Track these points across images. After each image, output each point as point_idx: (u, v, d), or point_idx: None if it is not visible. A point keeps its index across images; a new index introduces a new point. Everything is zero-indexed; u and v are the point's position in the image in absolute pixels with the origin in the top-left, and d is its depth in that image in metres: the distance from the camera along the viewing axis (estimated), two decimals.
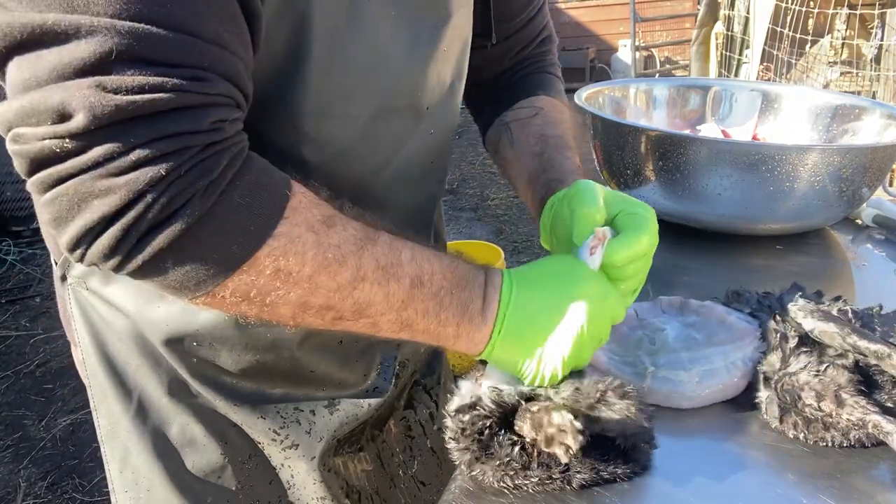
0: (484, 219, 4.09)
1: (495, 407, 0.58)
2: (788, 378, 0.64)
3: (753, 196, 0.97)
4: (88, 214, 0.43)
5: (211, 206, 0.45)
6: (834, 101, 1.23)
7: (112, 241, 0.44)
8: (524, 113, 0.82)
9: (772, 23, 3.04)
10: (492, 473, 0.57)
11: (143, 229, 0.44)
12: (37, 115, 0.41)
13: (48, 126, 0.41)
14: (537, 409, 0.56)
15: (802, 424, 0.62)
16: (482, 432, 0.57)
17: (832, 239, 1.09)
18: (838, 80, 3.05)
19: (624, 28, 6.94)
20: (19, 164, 0.44)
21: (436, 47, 0.66)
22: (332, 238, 0.51)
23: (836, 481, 0.58)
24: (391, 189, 0.70)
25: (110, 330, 0.69)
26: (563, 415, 0.54)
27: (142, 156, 0.42)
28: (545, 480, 0.56)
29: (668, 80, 1.41)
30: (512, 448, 0.56)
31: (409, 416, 0.89)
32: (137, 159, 0.42)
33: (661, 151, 1.00)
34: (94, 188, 0.42)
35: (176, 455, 0.70)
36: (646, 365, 0.68)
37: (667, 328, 0.72)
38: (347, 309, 0.53)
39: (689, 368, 0.67)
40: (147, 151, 0.42)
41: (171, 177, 0.43)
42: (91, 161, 0.42)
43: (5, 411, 2.42)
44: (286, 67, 0.56)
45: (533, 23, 0.85)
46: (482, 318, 0.57)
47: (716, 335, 0.70)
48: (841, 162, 0.94)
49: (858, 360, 0.63)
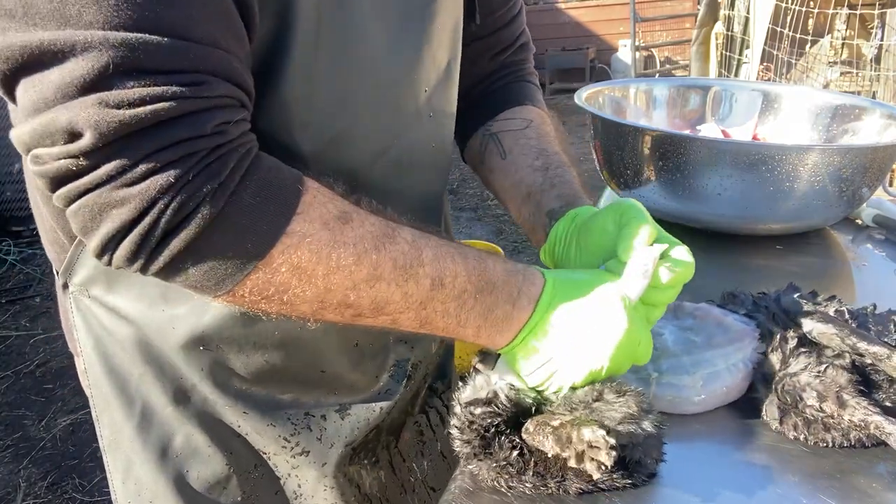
0: (484, 219, 4.09)
1: (510, 406, 0.57)
2: (789, 379, 0.64)
3: (753, 196, 0.97)
4: (110, 223, 0.46)
5: (222, 208, 0.46)
6: (834, 101, 1.23)
7: (133, 247, 0.46)
8: (514, 124, 0.80)
9: (772, 23, 3.04)
10: (487, 472, 0.57)
11: (160, 234, 0.46)
12: (50, 136, 0.43)
13: (61, 146, 0.43)
14: (559, 425, 0.54)
15: (803, 425, 0.62)
16: (488, 429, 0.57)
17: (832, 239, 1.09)
18: (838, 80, 3.05)
19: (624, 28, 6.95)
20: (42, 184, 0.46)
21: (427, 24, 0.65)
22: (347, 235, 0.50)
23: (836, 481, 0.58)
24: (392, 177, 0.69)
25: (113, 338, 0.68)
26: (594, 430, 0.53)
27: (150, 166, 0.44)
28: (539, 486, 0.56)
29: (668, 80, 1.41)
30: (511, 451, 0.56)
31: (422, 421, 0.88)
32: (147, 169, 0.44)
33: (661, 151, 1.00)
34: (111, 199, 0.44)
35: (180, 466, 0.70)
36: (649, 371, 0.68)
37: (664, 332, 0.71)
38: (366, 306, 0.52)
39: (693, 372, 0.67)
40: (154, 161, 0.44)
41: (179, 183, 0.45)
42: (104, 175, 0.44)
43: (5, 411, 2.43)
44: (273, 50, 0.55)
45: (512, 25, 0.84)
46: (507, 324, 0.57)
47: (714, 337, 0.70)
48: (841, 162, 0.94)
49: (855, 360, 0.63)
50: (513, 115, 0.81)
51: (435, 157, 0.75)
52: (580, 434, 0.53)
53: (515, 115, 0.81)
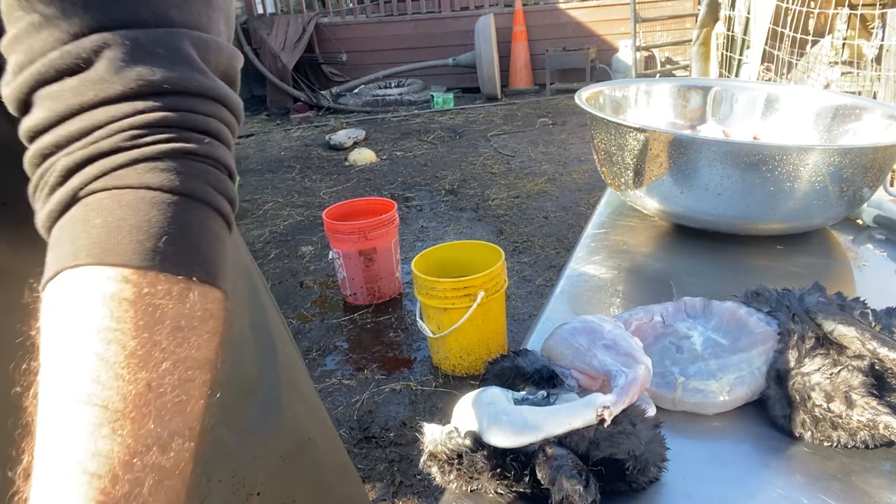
0: (484, 219, 4.09)
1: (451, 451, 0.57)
2: (801, 378, 0.64)
3: (754, 196, 0.97)
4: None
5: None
6: (835, 101, 1.23)
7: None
8: None
9: (772, 23, 3.04)
10: (486, 482, 0.57)
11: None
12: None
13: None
14: (549, 457, 0.54)
15: (810, 423, 0.62)
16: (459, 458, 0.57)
17: (833, 239, 1.09)
18: (839, 81, 3.05)
19: (624, 28, 6.94)
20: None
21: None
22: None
23: (837, 482, 0.58)
24: None
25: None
26: (572, 484, 0.52)
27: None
28: (537, 492, 0.56)
29: (668, 80, 1.41)
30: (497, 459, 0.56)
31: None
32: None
33: (661, 151, 1.00)
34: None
35: None
36: (675, 375, 0.68)
37: (693, 335, 0.71)
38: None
39: (720, 378, 0.67)
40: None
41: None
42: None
43: None
44: None
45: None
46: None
47: (739, 340, 0.70)
48: (841, 162, 0.94)
49: (874, 364, 0.63)
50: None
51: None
52: (559, 484, 0.52)
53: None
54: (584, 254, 1.08)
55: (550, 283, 3.16)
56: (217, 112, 0.43)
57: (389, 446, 2.25)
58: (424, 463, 0.58)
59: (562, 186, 4.47)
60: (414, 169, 5.22)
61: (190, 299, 0.39)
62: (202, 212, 0.41)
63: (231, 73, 0.46)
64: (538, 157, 5.15)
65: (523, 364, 0.66)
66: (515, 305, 3.04)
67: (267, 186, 5.09)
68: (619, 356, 0.64)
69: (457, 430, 0.58)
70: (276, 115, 7.53)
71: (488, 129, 6.18)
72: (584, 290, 0.97)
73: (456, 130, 6.24)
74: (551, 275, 3.27)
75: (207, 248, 0.40)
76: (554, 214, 4.06)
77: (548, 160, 5.05)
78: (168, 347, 0.37)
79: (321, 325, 3.04)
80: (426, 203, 4.46)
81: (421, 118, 6.85)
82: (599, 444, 0.56)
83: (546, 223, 3.95)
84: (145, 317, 0.37)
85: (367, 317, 3.09)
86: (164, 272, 0.38)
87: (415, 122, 6.73)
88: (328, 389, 2.58)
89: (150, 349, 0.37)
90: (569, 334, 0.68)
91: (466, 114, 6.87)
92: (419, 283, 2.42)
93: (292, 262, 3.72)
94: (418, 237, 3.91)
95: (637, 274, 1.02)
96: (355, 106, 7.48)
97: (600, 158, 1.15)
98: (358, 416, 2.41)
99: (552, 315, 0.90)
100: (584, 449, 0.56)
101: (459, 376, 2.56)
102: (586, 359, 0.65)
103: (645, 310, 0.76)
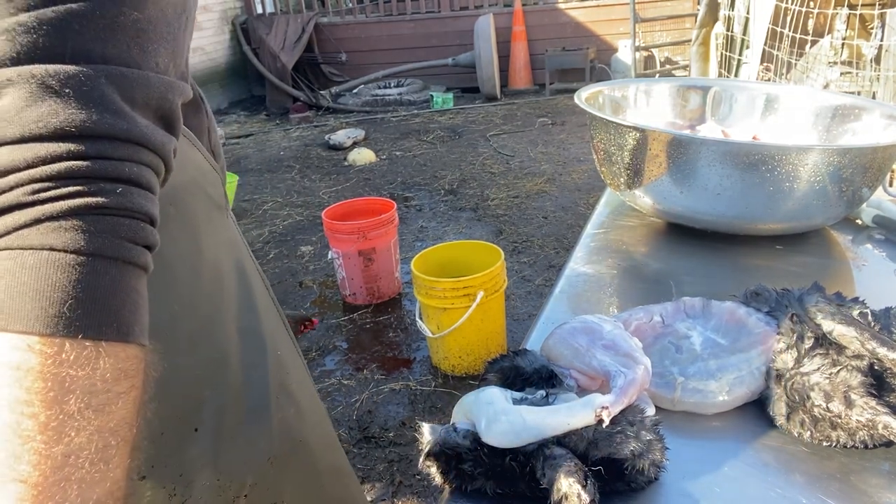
0: (484, 219, 4.09)
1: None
2: (800, 377, 0.64)
3: (753, 196, 0.97)
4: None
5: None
6: (834, 102, 1.23)
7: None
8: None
9: (772, 23, 3.04)
10: (488, 484, 0.57)
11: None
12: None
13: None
14: (548, 456, 0.54)
15: (810, 422, 0.62)
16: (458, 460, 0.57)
17: (832, 239, 1.09)
18: (838, 81, 3.05)
19: (624, 28, 6.94)
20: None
21: None
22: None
23: (836, 481, 0.58)
24: None
25: None
26: (571, 484, 0.52)
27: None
28: (536, 493, 0.56)
29: (667, 80, 1.41)
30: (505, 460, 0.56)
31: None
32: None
33: (660, 151, 1.00)
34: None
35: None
36: (675, 375, 0.68)
37: (692, 335, 0.71)
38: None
39: (719, 378, 0.67)
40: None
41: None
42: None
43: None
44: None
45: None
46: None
47: (738, 340, 0.70)
48: (841, 162, 0.94)
49: (874, 364, 0.63)
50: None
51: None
52: (559, 484, 0.52)
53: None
54: (583, 254, 1.08)
55: (550, 283, 3.16)
56: (135, 155, 0.40)
57: (389, 446, 2.25)
58: (424, 463, 0.58)
59: (561, 186, 4.47)
60: (413, 169, 5.21)
61: (101, 365, 0.37)
62: (112, 269, 0.39)
63: (165, 108, 0.43)
64: (538, 157, 5.15)
65: (522, 364, 0.66)
66: (515, 305, 3.04)
67: (266, 186, 5.09)
68: (619, 356, 0.64)
69: (456, 430, 0.58)
70: (275, 114, 7.53)
71: (488, 128, 6.18)
72: (583, 289, 0.97)
73: (455, 130, 6.23)
74: (551, 275, 3.27)
75: (119, 307, 0.39)
76: (553, 214, 4.06)
77: (547, 160, 5.05)
78: (82, 419, 0.37)
79: (321, 325, 3.04)
80: (425, 203, 4.46)
81: (420, 118, 6.85)
82: (598, 444, 0.56)
83: (545, 223, 3.95)
84: (55, 387, 0.36)
85: (366, 317, 3.09)
86: (71, 338, 0.36)
87: (414, 121, 6.72)
88: (327, 389, 2.58)
89: (63, 421, 0.36)
90: (568, 334, 0.68)
91: (466, 114, 6.87)
92: (419, 283, 2.42)
93: (292, 262, 3.72)
94: (418, 237, 3.91)
95: (636, 274, 1.02)
96: (355, 106, 7.48)
97: (600, 158, 1.15)
98: (357, 415, 2.41)
99: (551, 315, 0.90)
100: (583, 449, 0.56)
101: (459, 376, 2.56)
102: (585, 359, 0.65)
103: (644, 310, 0.76)
